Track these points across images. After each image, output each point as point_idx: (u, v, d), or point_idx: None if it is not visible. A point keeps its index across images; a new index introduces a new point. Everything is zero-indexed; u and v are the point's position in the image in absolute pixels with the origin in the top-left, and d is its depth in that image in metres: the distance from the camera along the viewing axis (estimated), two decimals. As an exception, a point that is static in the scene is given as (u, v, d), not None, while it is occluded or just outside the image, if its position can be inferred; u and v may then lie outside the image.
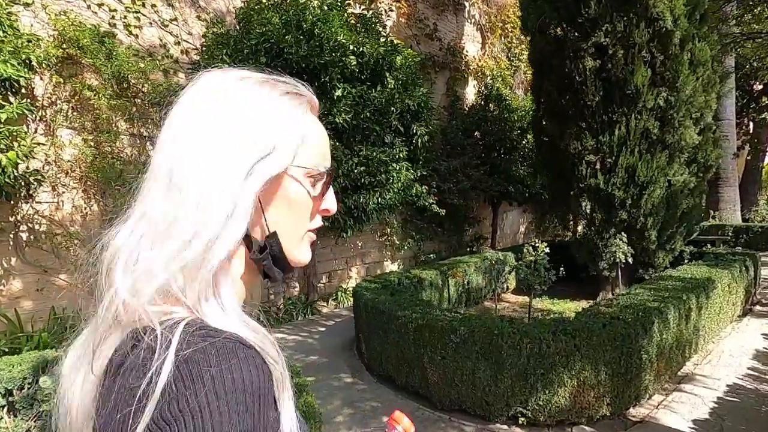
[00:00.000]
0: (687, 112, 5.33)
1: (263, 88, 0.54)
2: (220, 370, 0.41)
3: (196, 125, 0.50)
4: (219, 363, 0.41)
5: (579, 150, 5.86)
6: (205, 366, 0.41)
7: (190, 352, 0.41)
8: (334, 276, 7.40)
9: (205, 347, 0.42)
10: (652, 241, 5.63)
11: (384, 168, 6.38)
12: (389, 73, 6.54)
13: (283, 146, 0.52)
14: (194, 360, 0.41)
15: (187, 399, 0.39)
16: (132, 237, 0.49)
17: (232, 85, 0.53)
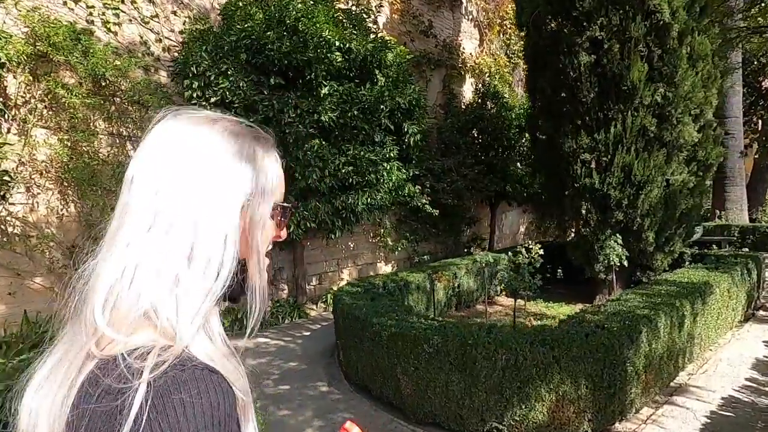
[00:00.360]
0: (686, 109, 5.11)
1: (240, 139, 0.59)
2: (189, 396, 0.44)
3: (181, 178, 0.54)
4: (189, 390, 0.45)
5: (573, 148, 5.66)
6: (175, 393, 0.44)
7: (162, 380, 0.44)
8: (325, 278, 7.26)
9: (176, 375, 0.45)
10: (649, 242, 5.41)
11: (373, 168, 6.22)
12: (379, 70, 6.39)
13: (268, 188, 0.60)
14: (165, 387, 0.44)
15: (159, 424, 0.42)
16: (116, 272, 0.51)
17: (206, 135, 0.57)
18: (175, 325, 0.49)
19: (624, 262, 5.19)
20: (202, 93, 4.66)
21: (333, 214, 6.00)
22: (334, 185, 5.76)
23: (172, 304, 0.50)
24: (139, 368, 0.45)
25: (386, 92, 6.14)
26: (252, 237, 0.58)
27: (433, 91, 9.15)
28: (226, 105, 4.71)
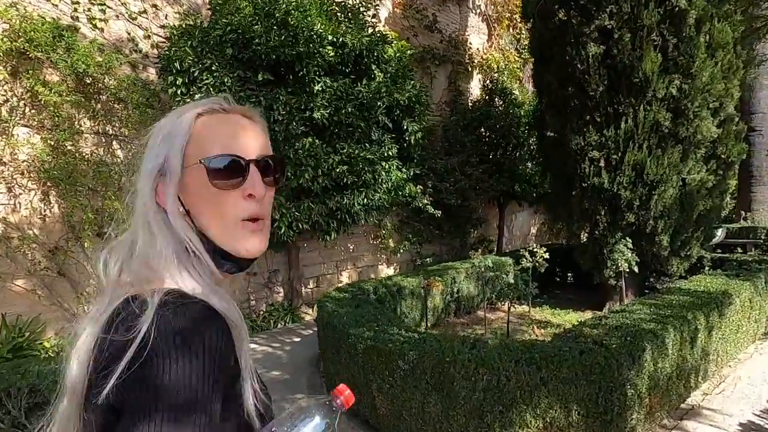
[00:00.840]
0: (703, 102, 4.71)
1: (166, 118, 0.66)
2: (188, 326, 0.52)
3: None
4: (188, 321, 0.52)
5: (581, 146, 5.31)
6: (176, 323, 0.51)
7: (165, 311, 0.52)
8: (323, 281, 7.04)
9: (178, 307, 0.53)
10: (663, 246, 5.02)
11: (370, 167, 5.98)
12: (377, 65, 6.14)
13: (172, 152, 0.62)
14: (167, 317, 0.51)
15: (159, 345, 0.49)
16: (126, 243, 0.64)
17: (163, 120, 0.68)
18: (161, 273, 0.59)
19: (635, 267, 4.82)
20: (187, 90, 4.49)
21: (327, 215, 5.78)
22: (328, 185, 5.53)
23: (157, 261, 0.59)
24: (148, 303, 0.53)
25: (383, 89, 5.89)
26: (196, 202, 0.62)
27: (438, 87, 8.86)
28: (210, 102, 4.54)
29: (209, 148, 0.62)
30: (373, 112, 5.78)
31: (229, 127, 0.64)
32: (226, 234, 0.61)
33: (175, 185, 0.61)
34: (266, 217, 0.65)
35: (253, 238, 0.62)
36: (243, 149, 0.63)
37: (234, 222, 0.61)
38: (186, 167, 0.62)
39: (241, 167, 0.62)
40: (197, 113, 0.64)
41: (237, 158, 0.62)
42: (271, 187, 0.66)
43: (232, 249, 0.62)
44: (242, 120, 0.66)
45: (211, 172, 0.61)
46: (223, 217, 0.61)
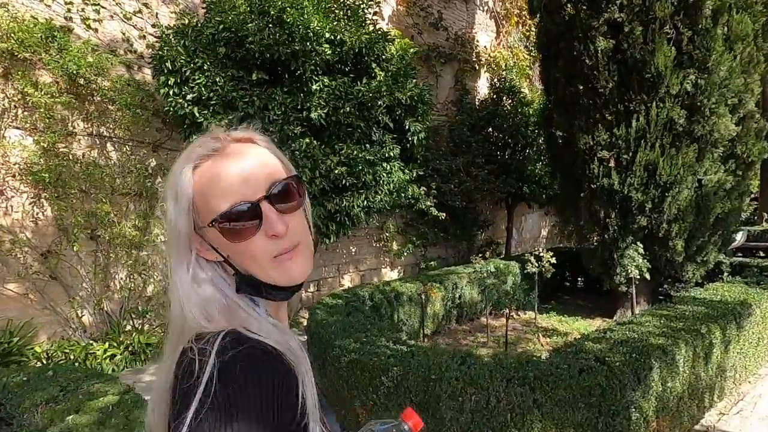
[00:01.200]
0: (721, 98, 4.43)
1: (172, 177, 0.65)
2: (245, 372, 0.53)
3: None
4: (245, 366, 0.53)
5: (590, 145, 5.06)
6: (234, 369, 0.52)
7: (224, 357, 0.53)
8: (324, 284, 6.90)
9: (236, 353, 0.54)
10: (678, 252, 4.74)
11: (370, 168, 5.82)
12: (377, 64, 5.98)
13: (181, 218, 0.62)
14: (226, 363, 0.53)
15: (222, 389, 0.51)
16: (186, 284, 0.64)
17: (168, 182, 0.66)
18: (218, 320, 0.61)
19: (646, 274, 4.55)
20: (179, 90, 4.39)
21: (326, 217, 5.64)
22: (326, 187, 5.38)
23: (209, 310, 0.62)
24: (208, 351, 0.54)
25: (384, 87, 5.72)
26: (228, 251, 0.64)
27: (444, 86, 8.66)
28: (202, 102, 4.43)
29: (215, 205, 0.60)
30: (373, 112, 5.62)
31: (227, 173, 0.61)
32: (265, 272, 0.62)
33: (188, 243, 0.63)
34: (301, 240, 0.64)
35: (291, 266, 0.62)
36: (248, 192, 0.61)
37: (268, 261, 0.61)
38: (202, 227, 0.62)
39: (252, 213, 0.60)
40: (192, 166, 0.63)
41: (245, 207, 0.60)
42: (295, 210, 0.64)
43: (277, 282, 0.62)
44: (239, 151, 0.63)
45: (224, 231, 0.60)
46: (256, 260, 0.61)
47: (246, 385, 0.51)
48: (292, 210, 0.63)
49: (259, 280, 0.62)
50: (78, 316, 4.63)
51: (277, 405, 0.53)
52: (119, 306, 4.88)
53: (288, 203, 0.62)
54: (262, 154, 0.65)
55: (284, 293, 0.65)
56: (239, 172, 0.61)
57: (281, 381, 0.54)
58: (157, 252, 5.02)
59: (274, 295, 0.64)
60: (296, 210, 0.64)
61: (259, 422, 0.51)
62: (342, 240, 6.98)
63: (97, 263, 4.73)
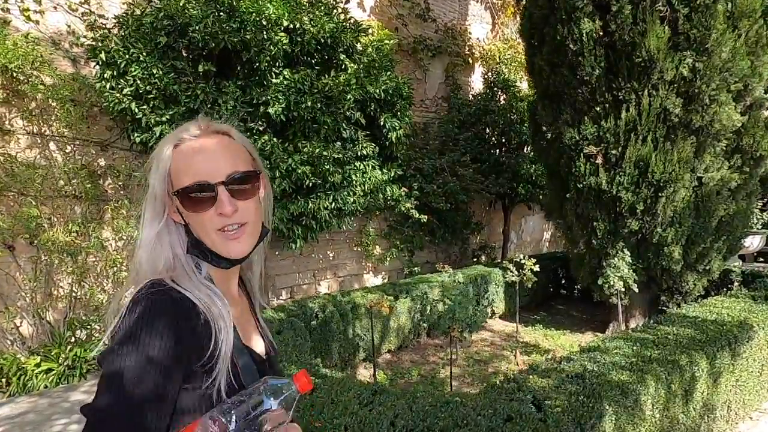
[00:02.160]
0: (722, 83, 3.85)
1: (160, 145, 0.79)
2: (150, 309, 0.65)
3: None
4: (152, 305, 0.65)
5: (576, 140, 4.53)
6: (143, 305, 0.65)
7: (139, 296, 0.66)
8: (298, 291, 6.50)
9: (150, 294, 0.66)
10: (674, 259, 4.16)
11: (339, 167, 5.40)
12: (348, 55, 5.56)
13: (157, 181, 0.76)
14: (138, 301, 0.66)
15: (128, 315, 0.65)
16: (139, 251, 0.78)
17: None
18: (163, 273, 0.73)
19: (633, 286, 3.99)
20: (117, 83, 4.06)
21: (290, 221, 5.24)
22: (288, 188, 4.98)
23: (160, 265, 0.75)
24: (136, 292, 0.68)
25: (353, 80, 5.30)
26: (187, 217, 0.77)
27: (433, 81, 8.18)
28: (141, 96, 4.08)
29: (181, 178, 0.73)
30: (341, 107, 5.20)
31: (197, 154, 0.74)
32: (211, 242, 0.74)
33: (162, 205, 0.76)
34: (248, 223, 0.75)
35: (234, 244, 0.74)
36: (209, 173, 0.73)
37: (214, 232, 0.74)
38: (169, 194, 0.75)
39: (207, 190, 0.73)
40: (173, 144, 0.76)
41: (203, 184, 0.72)
42: (248, 198, 0.76)
43: (220, 252, 0.74)
44: (213, 142, 0.76)
45: (184, 201, 0.73)
46: (205, 230, 0.74)
47: (150, 321, 0.63)
48: (244, 197, 0.75)
49: (206, 246, 0.75)
50: (16, 326, 4.34)
51: (174, 343, 0.63)
52: (63, 316, 4.58)
53: (242, 192, 0.74)
54: (234, 147, 0.78)
55: (225, 262, 0.76)
56: (207, 157, 0.74)
57: (183, 324, 0.66)
58: (106, 258, 4.70)
59: (217, 262, 0.76)
60: (249, 198, 0.76)
61: (154, 351, 0.62)
62: (319, 244, 6.59)
63: (38, 270, 4.43)
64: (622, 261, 3.94)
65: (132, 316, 0.63)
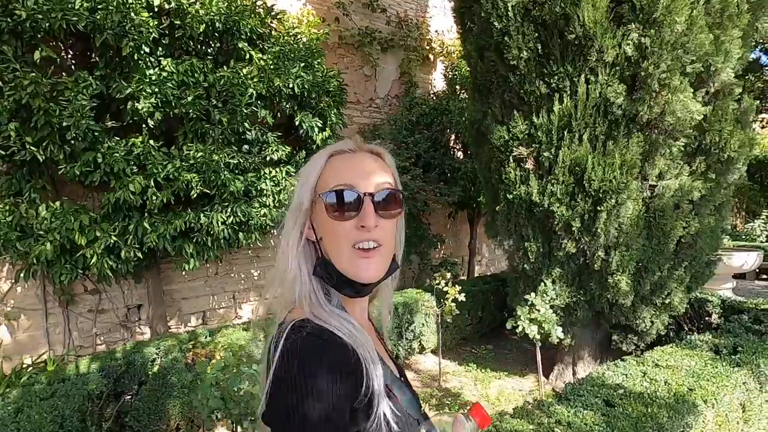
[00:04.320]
0: (675, 64, 2.94)
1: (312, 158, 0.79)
2: (314, 352, 0.62)
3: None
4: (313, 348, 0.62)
5: (505, 140, 3.66)
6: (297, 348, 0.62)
7: (291, 339, 0.63)
8: (213, 316, 5.68)
9: (300, 336, 0.63)
10: (622, 291, 3.23)
11: (240, 175, 4.61)
12: (251, 44, 4.79)
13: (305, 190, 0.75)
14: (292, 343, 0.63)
15: (287, 367, 0.61)
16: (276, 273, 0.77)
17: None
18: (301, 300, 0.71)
19: (554, 335, 3.06)
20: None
21: (178, 237, 4.44)
22: (166, 199, 4.18)
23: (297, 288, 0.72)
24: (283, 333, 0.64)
25: (255, 72, 4.52)
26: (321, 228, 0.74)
27: (385, 79, 7.36)
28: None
29: (330, 183, 0.72)
30: (237, 104, 4.41)
31: (351, 165, 0.74)
32: (343, 259, 0.70)
33: (304, 217, 0.74)
34: (383, 245, 0.72)
35: (365, 265, 0.70)
36: (359, 183, 0.72)
37: (347, 248, 0.70)
38: (314, 201, 0.74)
39: (355, 199, 0.71)
40: (329, 155, 0.77)
41: (351, 191, 0.71)
42: (391, 218, 0.73)
43: (349, 274, 0.70)
44: (367, 158, 0.76)
45: (328, 205, 0.71)
46: (338, 244, 0.70)
47: (313, 371, 0.60)
48: (387, 216, 0.73)
49: (334, 268, 0.71)
50: None
51: (338, 384, 0.61)
52: None
53: (386, 209, 0.73)
54: (384, 166, 0.77)
55: (351, 288, 0.72)
56: (359, 168, 0.74)
57: (344, 368, 0.62)
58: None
59: (341, 287, 0.72)
60: (391, 218, 0.74)
61: (322, 396, 0.59)
62: (240, 262, 5.79)
63: None
64: (540, 298, 3.02)
65: (291, 369, 0.60)
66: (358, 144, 0.77)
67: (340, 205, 0.70)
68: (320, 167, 0.74)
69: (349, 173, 0.72)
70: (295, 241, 0.73)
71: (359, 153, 0.76)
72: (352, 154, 0.75)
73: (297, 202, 0.74)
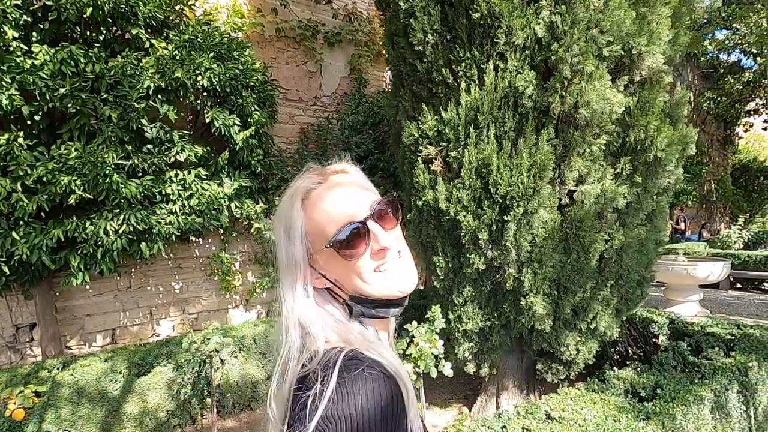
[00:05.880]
0: (590, 44, 2.47)
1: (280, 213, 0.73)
2: (365, 389, 0.57)
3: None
4: (366, 384, 0.58)
5: (415, 138, 3.17)
6: (357, 385, 0.58)
7: (348, 376, 0.58)
8: (125, 334, 5.13)
9: (358, 373, 0.58)
10: (538, 315, 2.74)
11: (135, 178, 4.10)
12: (152, 31, 4.30)
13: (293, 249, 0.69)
14: (349, 380, 0.58)
15: (344, 406, 0.56)
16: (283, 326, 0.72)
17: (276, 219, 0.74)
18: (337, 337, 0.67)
19: (444, 371, 2.56)
20: None
21: (59, 249, 3.92)
22: (44, 206, 3.67)
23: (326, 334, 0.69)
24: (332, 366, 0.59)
25: (152, 63, 4.02)
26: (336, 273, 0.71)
27: (332, 76, 6.87)
28: None
29: (329, 230, 0.68)
30: (129, 98, 3.91)
31: (332, 199, 0.69)
32: (374, 287, 0.67)
33: (304, 271, 0.69)
34: (401, 249, 0.70)
35: (398, 274, 0.68)
36: (354, 213, 0.68)
37: (370, 275, 0.67)
38: (314, 253, 0.69)
39: (362, 231, 0.67)
40: (300, 199, 0.70)
41: (352, 224, 0.67)
42: (394, 226, 0.72)
43: (387, 295, 0.68)
44: (337, 182, 0.71)
45: (341, 250, 0.67)
46: (360, 277, 0.67)
47: (367, 404, 0.56)
48: (392, 227, 0.71)
49: (368, 297, 0.68)
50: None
51: (395, 425, 0.58)
52: None
53: (388, 221, 0.70)
54: (357, 180, 0.74)
55: (392, 307, 0.70)
56: (344, 198, 0.69)
57: (398, 403, 0.59)
58: None
59: (383, 311, 0.69)
60: (395, 226, 0.72)
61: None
62: (158, 274, 5.26)
63: None
64: (427, 327, 2.52)
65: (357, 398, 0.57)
66: (321, 172, 0.73)
67: (350, 243, 0.67)
68: (300, 217, 0.69)
69: (337, 208, 0.68)
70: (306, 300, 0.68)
71: (327, 179, 0.72)
72: (322, 186, 0.71)
73: (288, 262, 0.69)
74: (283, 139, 6.20)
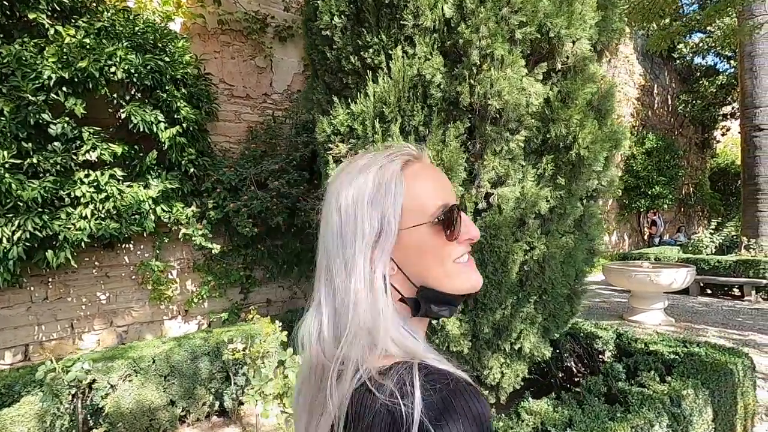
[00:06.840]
0: (501, 26, 2.14)
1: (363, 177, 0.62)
2: (461, 406, 0.50)
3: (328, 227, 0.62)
4: (459, 400, 0.50)
5: (327, 134, 2.82)
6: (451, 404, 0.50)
7: (436, 395, 0.50)
8: (40, 351, 4.70)
9: (446, 389, 0.51)
10: (452, 335, 2.40)
11: (31, 181, 3.70)
12: (58, 18, 3.90)
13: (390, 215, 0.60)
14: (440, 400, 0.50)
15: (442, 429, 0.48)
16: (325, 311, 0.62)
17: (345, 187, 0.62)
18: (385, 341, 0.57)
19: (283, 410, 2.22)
20: None
21: (-58, 258, 3.50)
22: None
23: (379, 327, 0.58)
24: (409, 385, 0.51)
25: (54, 52, 3.63)
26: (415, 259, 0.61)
27: (285, 72, 6.52)
28: None
29: (430, 204, 0.62)
30: (23, 90, 3.51)
31: (433, 177, 0.64)
32: (452, 278, 0.61)
33: (391, 247, 0.60)
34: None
35: (472, 273, 0.64)
36: (449, 195, 0.64)
37: (450, 264, 0.62)
38: (406, 228, 0.61)
39: (456, 214, 0.63)
40: (400, 167, 0.63)
41: (452, 207, 0.62)
42: None
43: (458, 289, 0.62)
44: (430, 165, 0.66)
45: (445, 228, 0.61)
46: (443, 266, 0.61)
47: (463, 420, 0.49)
48: None
49: (437, 290, 0.61)
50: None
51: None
52: None
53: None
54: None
55: (455, 305, 0.64)
56: (443, 179, 0.65)
57: (487, 414, 0.53)
58: None
59: (446, 310, 0.63)
60: None
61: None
62: (81, 282, 4.83)
63: None
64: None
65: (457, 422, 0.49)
66: (408, 151, 0.65)
67: (450, 224, 0.61)
68: (401, 184, 0.61)
69: (440, 186, 0.64)
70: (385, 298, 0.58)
71: (424, 156, 0.66)
72: (420, 162, 0.65)
73: (372, 231, 0.59)
74: (228, 138, 5.82)
